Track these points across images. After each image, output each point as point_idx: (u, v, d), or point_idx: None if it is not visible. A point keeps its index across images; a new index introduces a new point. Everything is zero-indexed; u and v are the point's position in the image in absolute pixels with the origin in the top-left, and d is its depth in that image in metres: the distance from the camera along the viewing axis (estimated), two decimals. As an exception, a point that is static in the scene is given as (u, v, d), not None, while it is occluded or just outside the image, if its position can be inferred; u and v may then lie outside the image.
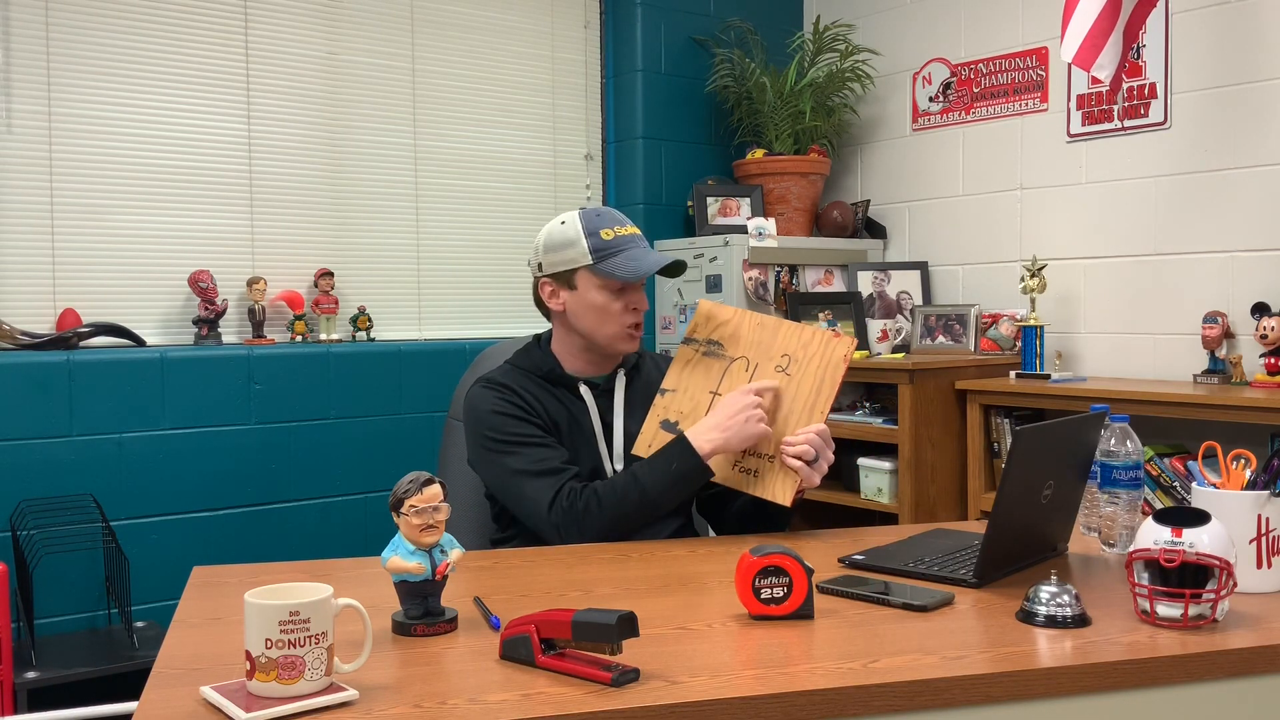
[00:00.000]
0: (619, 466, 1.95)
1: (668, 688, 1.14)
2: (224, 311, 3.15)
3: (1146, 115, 3.19)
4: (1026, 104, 3.51)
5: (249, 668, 1.11)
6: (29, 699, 2.49)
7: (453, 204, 3.65)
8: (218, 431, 3.06)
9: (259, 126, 3.29)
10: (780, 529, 1.95)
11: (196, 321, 3.12)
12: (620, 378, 2.01)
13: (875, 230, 3.96)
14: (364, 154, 3.47)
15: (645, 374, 2.07)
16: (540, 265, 1.98)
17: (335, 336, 3.32)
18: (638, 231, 1.98)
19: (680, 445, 1.84)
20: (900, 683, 1.16)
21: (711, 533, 2.16)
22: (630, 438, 1.95)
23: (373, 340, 3.40)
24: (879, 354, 3.65)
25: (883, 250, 3.94)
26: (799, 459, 1.82)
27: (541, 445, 1.90)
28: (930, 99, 3.81)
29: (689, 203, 3.91)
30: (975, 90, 3.66)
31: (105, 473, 2.88)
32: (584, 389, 1.98)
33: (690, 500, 2.05)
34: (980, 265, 3.66)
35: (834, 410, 3.57)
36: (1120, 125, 3.25)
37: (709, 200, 3.82)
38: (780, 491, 1.84)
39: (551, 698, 1.12)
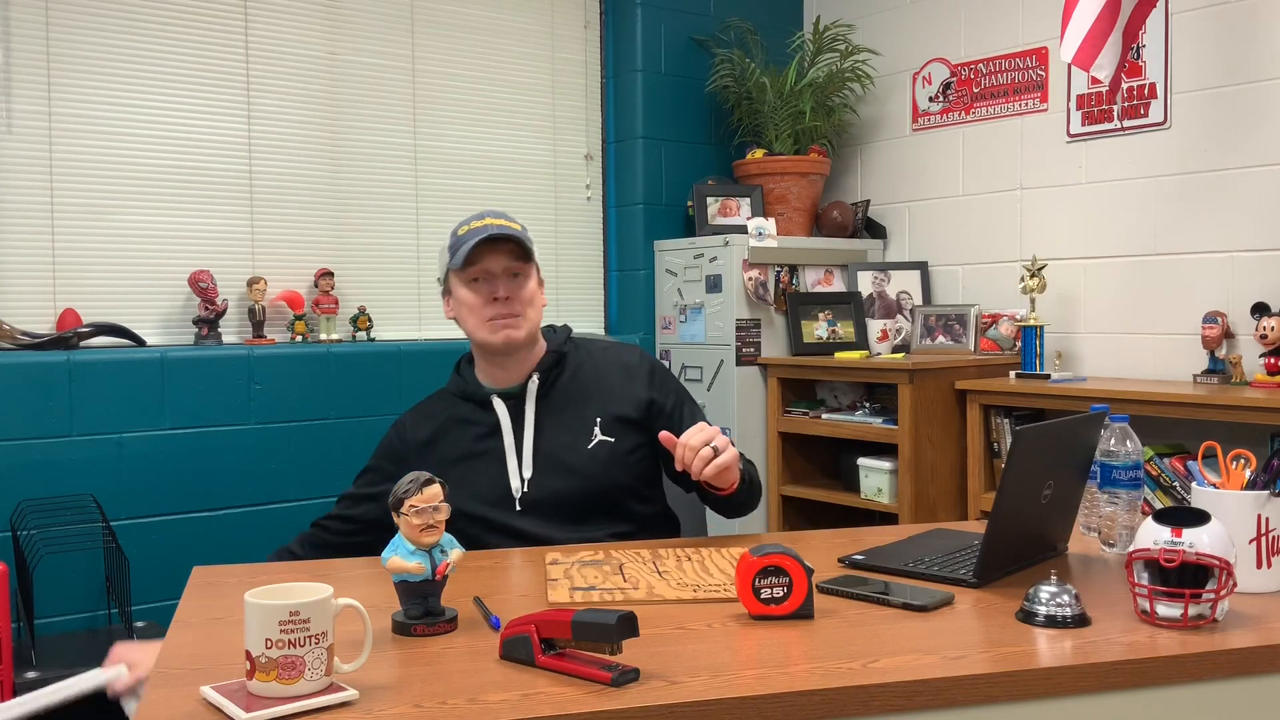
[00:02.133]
0: (527, 475, 1.90)
1: (668, 688, 1.14)
2: (224, 311, 3.15)
3: (1146, 115, 3.19)
4: (1026, 104, 3.51)
5: (249, 668, 1.11)
6: (29, 699, 2.49)
7: (453, 204, 3.65)
8: (218, 431, 3.06)
9: (259, 126, 3.29)
10: (739, 514, 1.95)
11: (196, 321, 3.12)
12: (533, 382, 1.95)
13: (875, 230, 3.96)
14: (364, 154, 3.47)
15: (576, 371, 1.99)
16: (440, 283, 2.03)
17: (335, 336, 3.32)
18: (499, 221, 1.89)
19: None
20: (900, 683, 1.16)
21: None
22: (539, 448, 1.91)
23: (373, 340, 3.40)
24: (879, 354, 3.65)
25: (883, 250, 3.94)
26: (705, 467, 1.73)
27: (359, 492, 2.01)
28: (930, 99, 3.81)
29: (689, 203, 3.91)
30: (975, 90, 3.66)
31: (105, 473, 2.88)
32: (496, 402, 1.94)
33: (624, 508, 1.97)
34: (980, 265, 3.66)
35: (834, 410, 3.59)
36: (1120, 125, 3.25)
37: (709, 200, 3.82)
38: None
39: (551, 698, 1.12)
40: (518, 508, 1.89)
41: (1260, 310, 2.84)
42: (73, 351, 2.87)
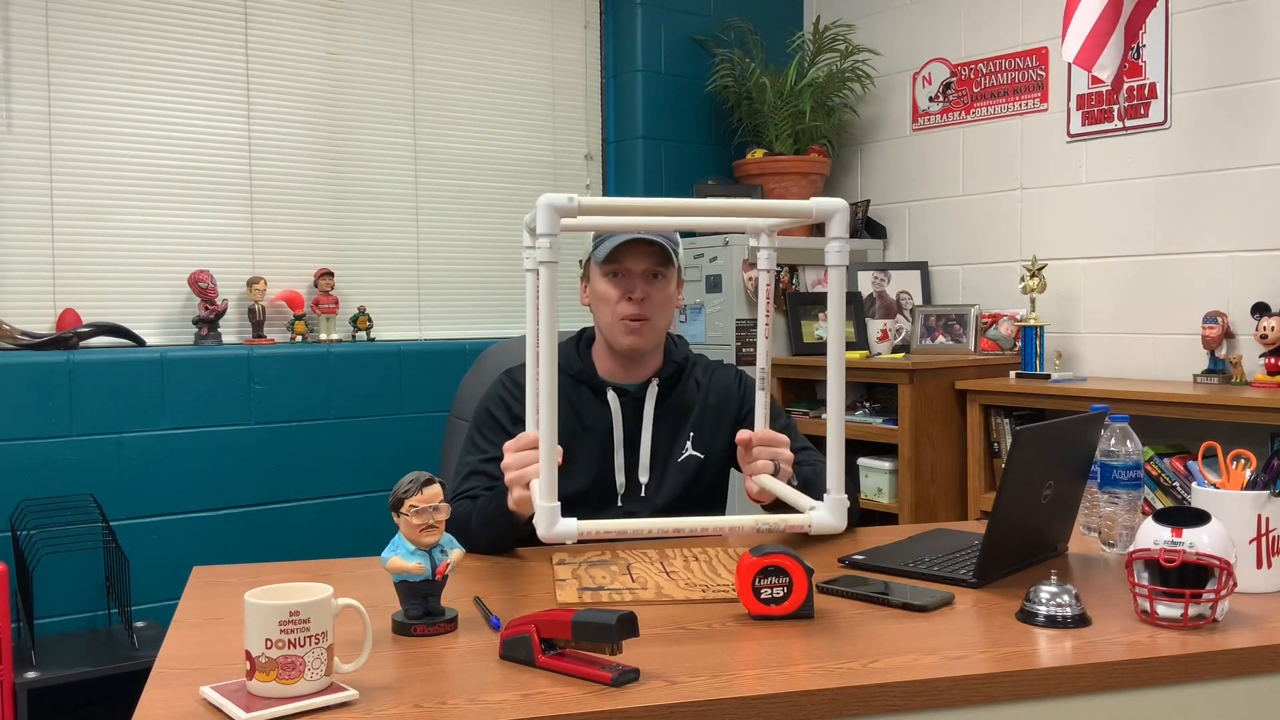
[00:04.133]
0: (644, 479, 1.90)
1: (668, 688, 1.14)
2: (224, 311, 3.15)
3: (1146, 115, 3.19)
4: (1026, 104, 3.51)
5: (249, 668, 1.11)
6: (29, 699, 2.49)
7: (453, 204, 3.65)
8: (218, 431, 3.06)
9: (259, 126, 3.29)
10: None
11: (196, 321, 3.12)
12: (653, 387, 1.93)
13: (875, 230, 3.96)
14: (364, 154, 3.47)
15: (686, 385, 1.97)
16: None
17: (335, 336, 3.32)
18: None
19: (503, 493, 1.71)
20: (900, 683, 1.16)
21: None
22: (658, 449, 1.91)
23: (373, 340, 3.40)
24: (879, 354, 3.65)
25: (883, 250, 3.94)
26: (764, 473, 1.72)
27: (491, 459, 1.83)
28: (930, 99, 3.81)
29: (689, 203, 3.90)
30: (975, 90, 3.66)
31: (105, 473, 2.88)
32: (611, 395, 1.91)
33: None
34: (980, 265, 3.66)
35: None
36: (1120, 125, 3.25)
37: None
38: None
39: (551, 698, 1.12)
40: (619, 504, 1.89)
41: (1260, 310, 2.84)
42: (73, 351, 2.87)
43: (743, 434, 1.75)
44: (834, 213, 1.35)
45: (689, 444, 1.93)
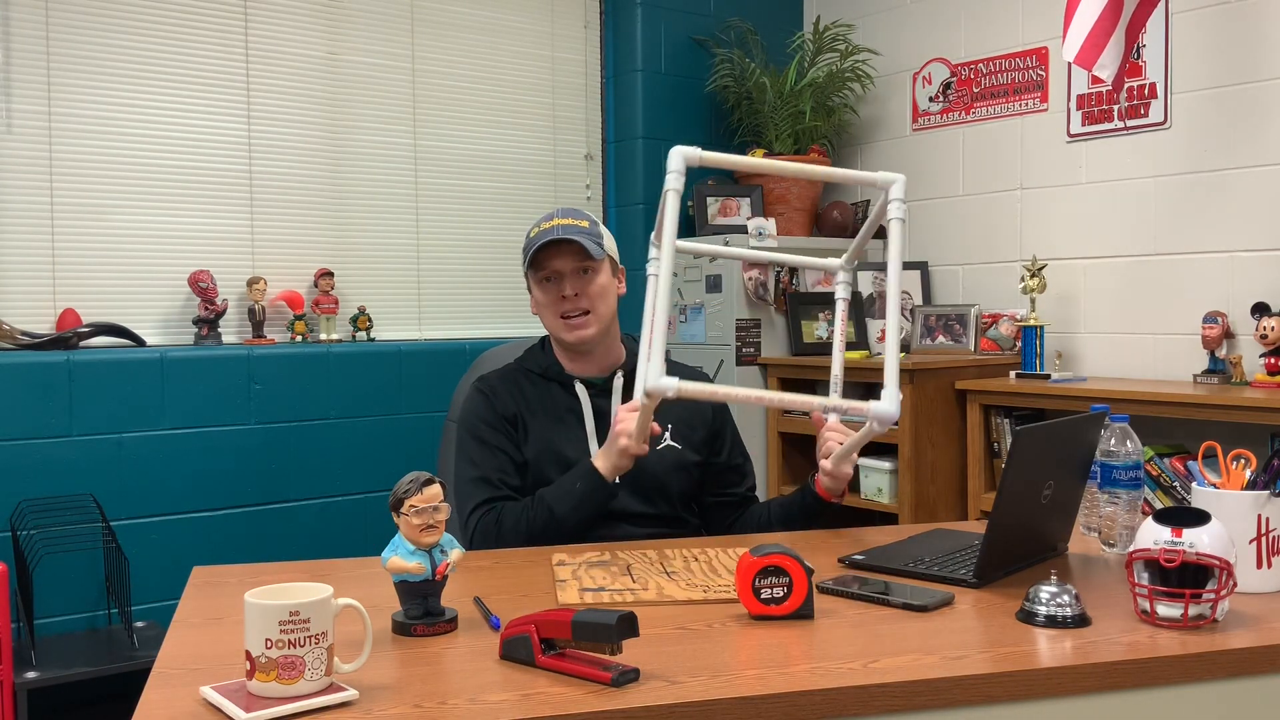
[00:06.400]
0: None
1: (668, 688, 1.14)
2: (224, 311, 3.15)
3: (1146, 115, 3.19)
4: (1026, 104, 3.51)
5: (249, 668, 1.11)
6: (29, 699, 2.49)
7: (453, 204, 3.65)
8: (218, 431, 3.06)
9: (259, 126, 3.29)
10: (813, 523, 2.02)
11: (196, 321, 3.12)
12: (619, 378, 2.02)
13: (875, 230, 3.95)
14: (364, 154, 3.47)
15: None
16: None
17: (335, 336, 3.32)
18: (567, 221, 1.95)
19: (586, 468, 1.86)
20: (900, 683, 1.16)
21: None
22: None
23: (373, 340, 3.40)
24: (879, 354, 3.65)
25: (883, 250, 3.94)
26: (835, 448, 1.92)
27: (496, 452, 1.94)
28: (930, 99, 3.81)
29: (689, 203, 3.90)
30: (975, 90, 3.66)
31: (105, 473, 2.88)
32: (579, 387, 2.00)
33: (673, 514, 2.03)
34: (980, 265, 3.66)
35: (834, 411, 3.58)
36: (1120, 125, 3.25)
37: (709, 200, 3.82)
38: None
39: (551, 698, 1.12)
40: None
41: (1260, 310, 2.84)
42: (73, 351, 2.87)
43: (817, 418, 1.99)
44: (892, 181, 1.58)
45: (667, 435, 2.01)
